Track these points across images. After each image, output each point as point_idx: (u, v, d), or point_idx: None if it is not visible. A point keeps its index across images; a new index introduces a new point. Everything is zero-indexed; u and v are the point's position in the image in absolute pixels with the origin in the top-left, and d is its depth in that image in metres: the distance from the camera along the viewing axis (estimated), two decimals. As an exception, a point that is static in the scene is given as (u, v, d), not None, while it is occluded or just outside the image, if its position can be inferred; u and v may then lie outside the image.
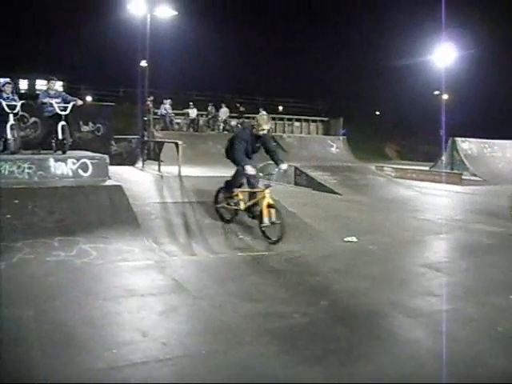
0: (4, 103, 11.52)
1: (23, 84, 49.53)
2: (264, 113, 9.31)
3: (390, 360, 4.52)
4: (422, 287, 6.74)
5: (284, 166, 9.19)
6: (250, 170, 8.79)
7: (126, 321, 5.18)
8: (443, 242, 9.86)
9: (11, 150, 11.33)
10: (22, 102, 12.10)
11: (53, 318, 5.16)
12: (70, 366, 4.19)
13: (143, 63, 23.63)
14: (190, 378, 4.08)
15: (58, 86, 12.40)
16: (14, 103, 11.72)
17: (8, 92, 11.86)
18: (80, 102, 12.55)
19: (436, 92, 43.93)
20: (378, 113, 55.03)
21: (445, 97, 37.96)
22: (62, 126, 11.76)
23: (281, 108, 47.55)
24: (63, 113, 11.82)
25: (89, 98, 40.29)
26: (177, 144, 12.91)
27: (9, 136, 11.52)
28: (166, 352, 4.49)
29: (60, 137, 11.74)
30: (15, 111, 11.74)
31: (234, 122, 34.45)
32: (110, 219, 8.66)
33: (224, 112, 33.91)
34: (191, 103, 33.77)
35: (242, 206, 9.42)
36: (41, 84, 48.33)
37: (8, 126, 11.53)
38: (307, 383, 4.07)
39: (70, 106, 11.91)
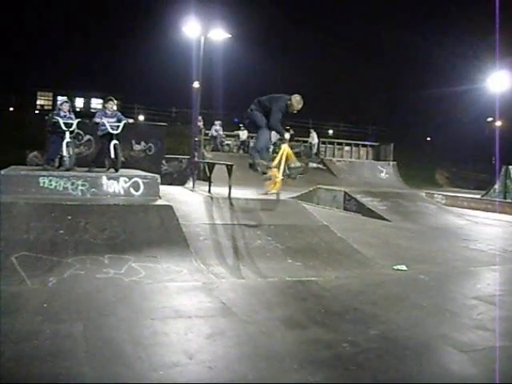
0: (61, 121, 11.83)
1: (79, 102, 50.94)
2: (297, 95, 9.66)
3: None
4: (474, 320, 6.52)
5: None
6: (287, 135, 10.06)
7: (173, 342, 5.17)
8: (496, 273, 9.54)
9: (66, 167, 11.59)
10: (78, 120, 12.39)
11: (102, 335, 5.20)
12: (117, 385, 4.21)
13: (196, 84, 23.88)
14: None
15: (114, 105, 12.63)
16: (70, 121, 12.02)
17: (65, 110, 12.18)
18: (131, 121, 12.81)
19: (489, 119, 43.18)
20: (428, 139, 54.37)
21: (498, 124, 37.21)
22: (114, 145, 11.98)
23: (331, 132, 47.48)
24: (115, 132, 12.04)
25: (141, 118, 41.04)
26: (228, 166, 12.96)
27: (64, 153, 11.80)
28: (212, 376, 4.45)
29: (112, 155, 11.97)
30: (71, 129, 12.04)
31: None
32: (159, 239, 8.72)
33: (274, 134, 33.91)
34: (242, 125, 34.00)
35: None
36: (96, 103, 49.67)
37: (64, 144, 11.83)
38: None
39: (121, 125, 12.12)
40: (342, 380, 4.50)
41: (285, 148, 10.17)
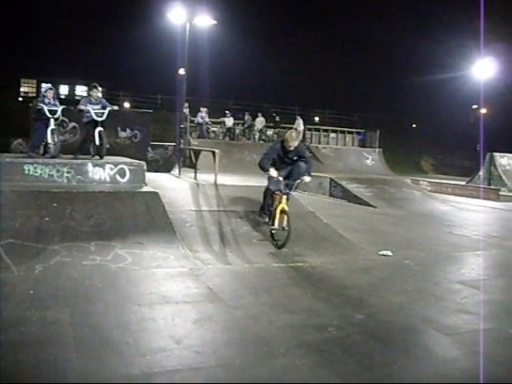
0: (46, 108, 11.72)
1: (63, 89, 50.48)
2: (293, 130, 9.85)
3: (425, 380, 4.44)
4: (458, 304, 6.61)
5: (307, 179, 9.35)
6: (272, 172, 9.00)
7: (160, 327, 5.19)
8: (480, 258, 9.64)
9: (51, 154, 11.51)
10: (63, 107, 12.31)
11: (89, 321, 5.21)
12: (104, 369, 4.22)
13: (181, 71, 23.79)
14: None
15: (99, 92, 12.54)
16: (55, 108, 11.92)
17: (50, 97, 12.07)
18: (115, 108, 12.74)
19: (474, 106, 43.37)
20: (414, 126, 54.52)
21: (483, 111, 37.38)
22: (99, 132, 11.92)
23: (317, 119, 47.46)
24: (100, 119, 11.97)
25: (127, 105, 40.79)
26: (214, 152, 12.95)
27: (49, 140, 11.71)
28: (199, 361, 4.49)
29: (97, 142, 11.91)
30: (56, 116, 11.93)
31: (270, 132, 34.46)
32: (145, 225, 8.72)
33: (260, 121, 33.93)
34: (228, 112, 33.91)
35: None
36: (81, 90, 49.28)
37: (49, 131, 11.73)
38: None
39: (106, 112, 12.05)
40: (329, 364, 4.55)
41: (281, 200, 9.13)
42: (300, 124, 34.61)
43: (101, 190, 9.66)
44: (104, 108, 12.11)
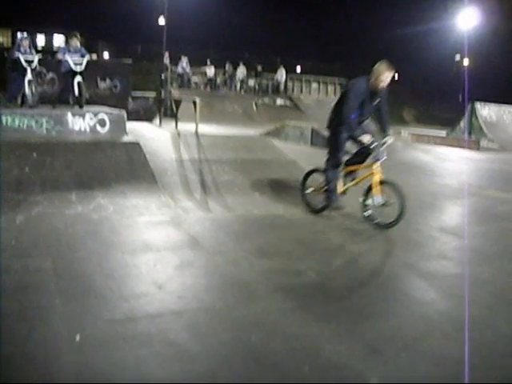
0: (22, 57, 11.54)
1: (40, 39, 49.43)
2: (384, 60, 7.59)
3: (403, 320, 4.56)
4: (437, 250, 6.72)
5: (390, 140, 7.59)
6: (366, 139, 7.39)
7: (143, 273, 5.25)
8: (459, 207, 9.77)
9: (29, 105, 11.38)
10: (39, 55, 12.12)
11: (72, 269, 5.25)
12: (88, 315, 4.26)
13: (161, 20, 23.38)
14: (204, 331, 4.14)
15: (78, 41, 12.33)
16: (31, 58, 11.73)
17: (25, 46, 11.87)
18: (94, 56, 12.61)
19: (457, 57, 43.25)
20: (396, 76, 54.36)
21: (466, 62, 37.29)
22: (78, 82, 11.79)
23: (299, 68, 47.11)
24: (78, 68, 11.82)
25: (106, 55, 40.15)
26: (194, 102, 12.86)
27: (27, 91, 11.57)
28: (181, 305, 4.57)
29: (76, 93, 11.78)
30: (33, 66, 11.76)
31: (251, 82, 34.18)
32: (127, 175, 8.70)
33: (241, 71, 33.60)
34: (209, 61, 33.49)
35: (339, 188, 8.06)
36: (59, 41, 48.25)
37: (26, 81, 11.57)
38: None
39: (84, 61, 11.89)
40: (308, 307, 4.64)
41: (373, 170, 7.58)
42: (282, 74, 34.40)
43: (81, 141, 9.58)
44: (83, 56, 11.94)
